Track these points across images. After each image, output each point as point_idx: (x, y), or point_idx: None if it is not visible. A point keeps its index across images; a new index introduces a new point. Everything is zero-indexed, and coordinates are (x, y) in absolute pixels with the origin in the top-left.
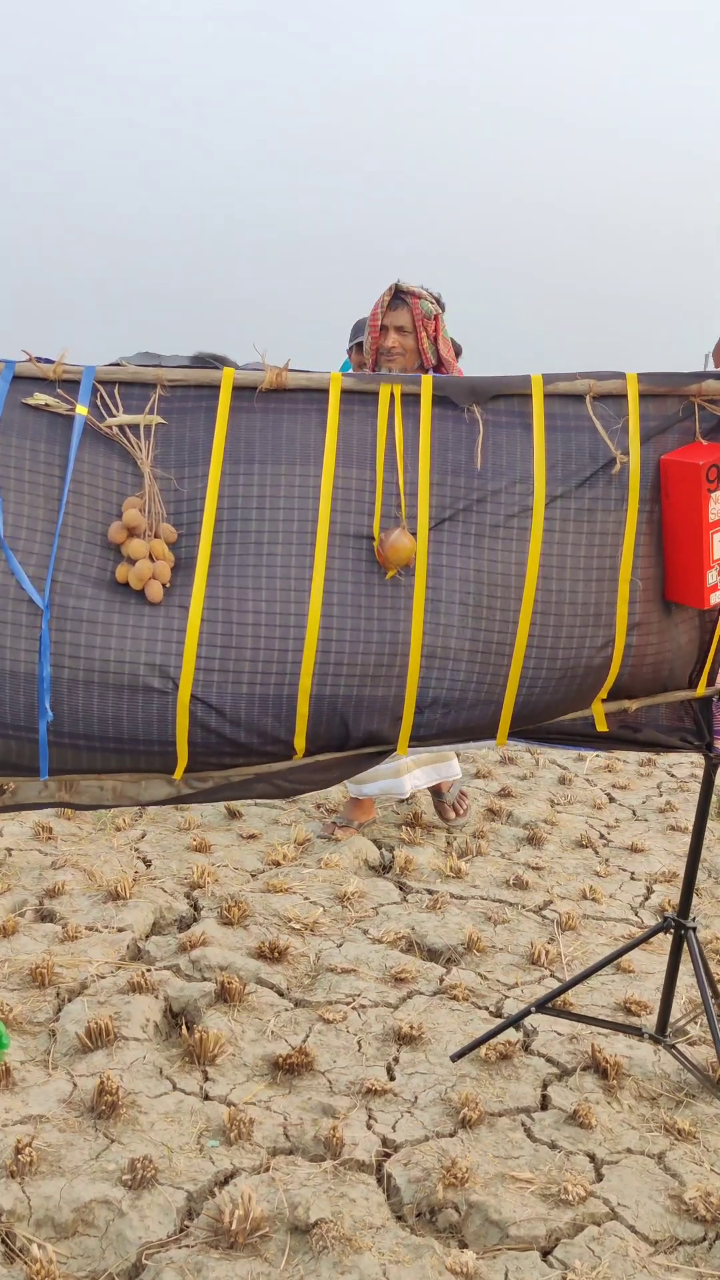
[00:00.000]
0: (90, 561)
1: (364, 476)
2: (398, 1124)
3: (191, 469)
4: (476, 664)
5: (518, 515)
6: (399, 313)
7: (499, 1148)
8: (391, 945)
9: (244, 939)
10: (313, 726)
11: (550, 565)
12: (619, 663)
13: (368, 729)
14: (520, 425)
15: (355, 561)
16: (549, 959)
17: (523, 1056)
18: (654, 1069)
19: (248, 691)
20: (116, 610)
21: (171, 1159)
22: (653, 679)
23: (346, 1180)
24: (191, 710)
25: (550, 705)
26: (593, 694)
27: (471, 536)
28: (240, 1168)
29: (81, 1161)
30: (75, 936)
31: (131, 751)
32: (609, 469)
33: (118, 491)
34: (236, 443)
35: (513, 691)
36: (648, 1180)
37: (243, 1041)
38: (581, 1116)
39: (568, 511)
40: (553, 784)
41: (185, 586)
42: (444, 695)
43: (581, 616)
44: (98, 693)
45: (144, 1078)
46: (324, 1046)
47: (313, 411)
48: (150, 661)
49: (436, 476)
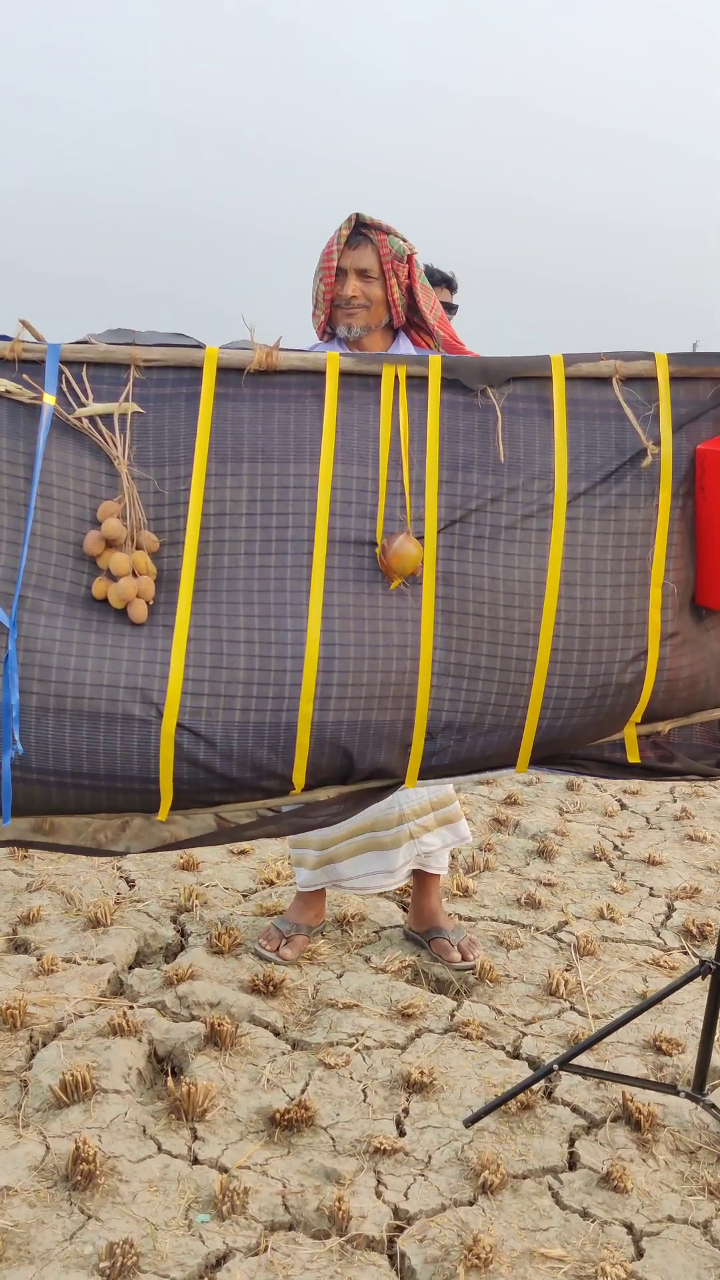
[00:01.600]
0: (62, 575)
1: (365, 475)
2: (410, 1190)
3: (173, 468)
4: (494, 683)
5: (536, 515)
6: (361, 251)
7: (525, 1217)
8: (396, 975)
9: (235, 970)
10: (314, 758)
11: (574, 570)
12: (653, 679)
13: (374, 759)
14: (539, 412)
15: (357, 570)
16: (568, 989)
17: (546, 1106)
18: (691, 1118)
19: (240, 719)
20: (93, 630)
21: (156, 1240)
22: (688, 697)
23: (355, 1262)
24: (177, 741)
25: (578, 729)
26: (624, 717)
27: (485, 540)
28: (234, 1248)
29: (54, 1244)
30: (51, 969)
31: (109, 789)
32: (638, 461)
33: (91, 494)
34: (223, 436)
35: (535, 714)
36: (695, 1256)
37: (235, 1092)
38: (615, 1178)
39: (592, 509)
40: (560, 790)
41: (169, 602)
42: (458, 719)
43: (610, 627)
44: (70, 722)
45: (125, 1138)
46: (325, 1096)
47: (307, 398)
48: (131, 686)
49: (446, 473)
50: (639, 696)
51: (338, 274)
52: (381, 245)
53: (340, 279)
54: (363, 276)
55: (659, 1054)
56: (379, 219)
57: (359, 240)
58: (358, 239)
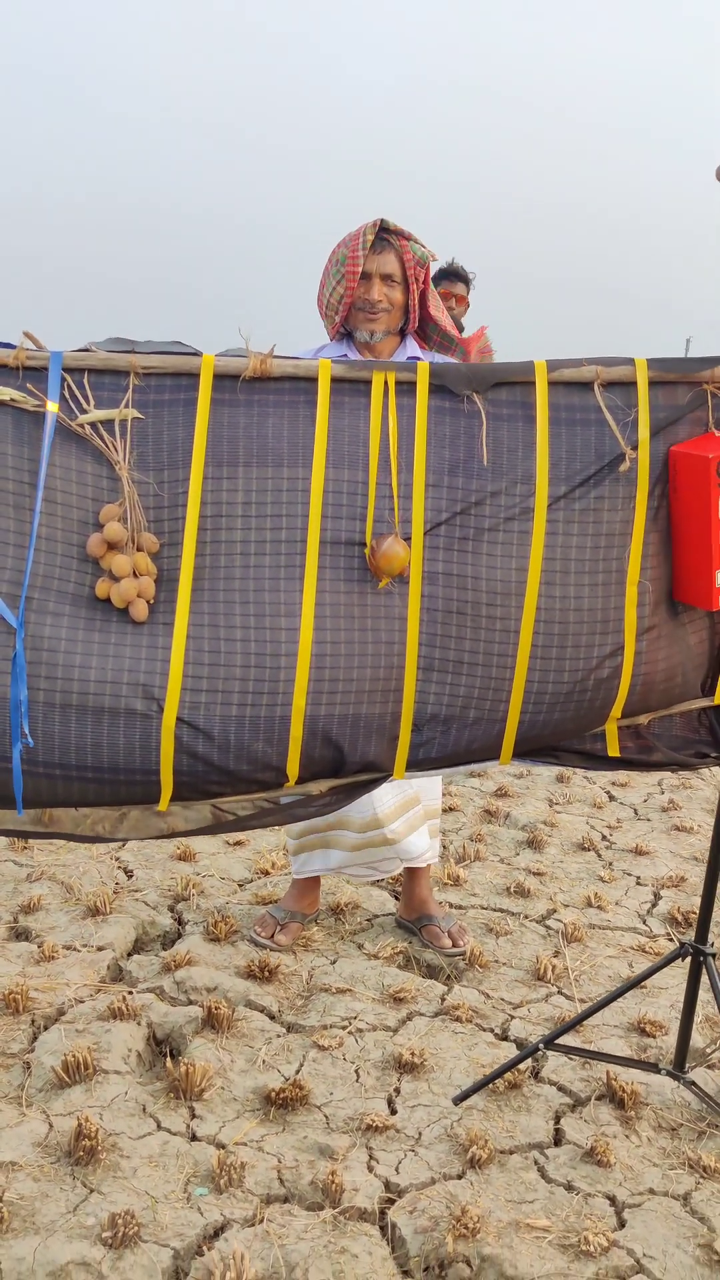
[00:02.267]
0: (66, 576)
1: (356, 479)
2: (401, 1165)
3: (172, 472)
4: (477, 677)
5: (518, 517)
6: (385, 256)
7: (511, 1190)
8: (388, 961)
9: (232, 957)
10: (306, 750)
11: (553, 570)
12: (630, 672)
13: (364, 752)
14: (522, 418)
15: (348, 571)
16: (555, 974)
17: (532, 1085)
18: (673, 1096)
19: (237, 714)
20: (96, 629)
21: (156, 1211)
22: (665, 689)
23: (347, 1232)
24: (177, 735)
25: (559, 723)
26: (604, 711)
27: (469, 541)
28: (231, 1219)
29: (58, 1216)
30: (52, 956)
31: (112, 781)
32: (616, 466)
33: (93, 498)
34: (219, 442)
35: (516, 708)
36: (674, 1226)
37: (232, 1073)
38: (599, 1153)
39: (571, 512)
40: (550, 782)
41: (169, 602)
42: (443, 711)
43: (588, 624)
44: (75, 717)
45: (126, 1116)
46: (319, 1076)
47: (300, 404)
48: (133, 683)
49: (433, 477)
50: (617, 690)
51: (362, 277)
52: (404, 251)
53: (365, 283)
54: (387, 281)
55: (643, 1036)
56: (401, 225)
57: (383, 245)
58: (381, 244)
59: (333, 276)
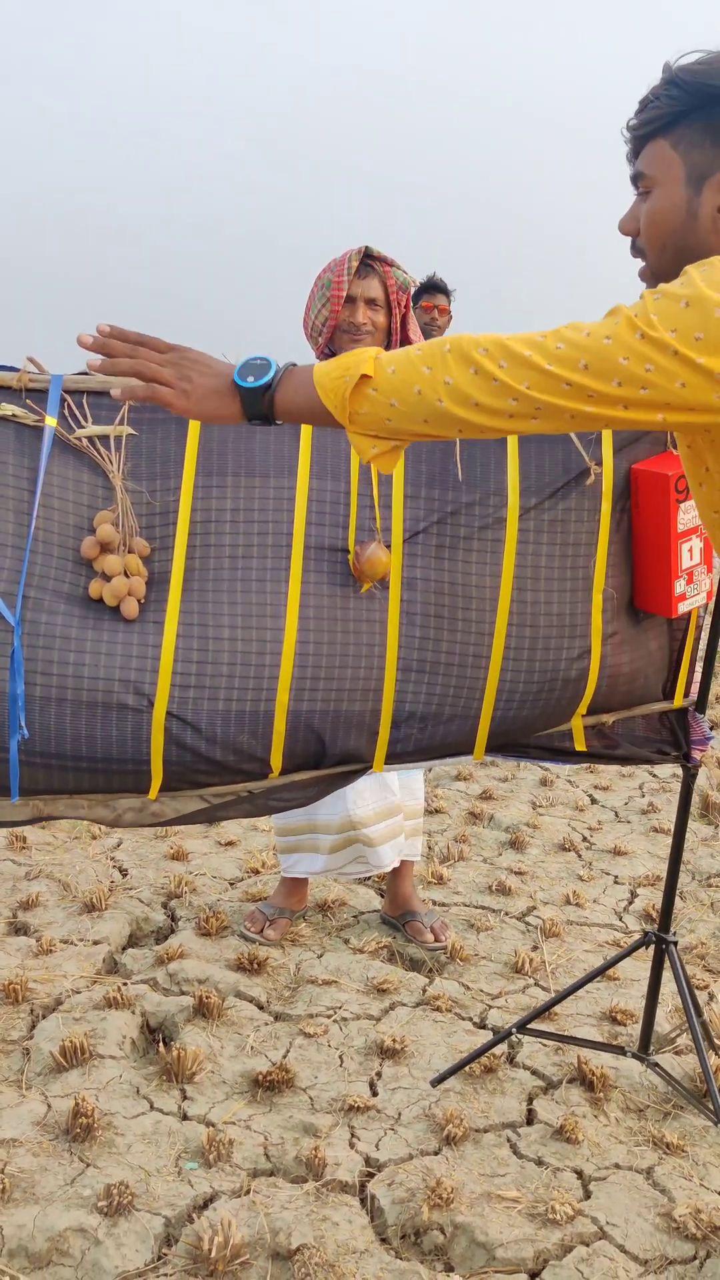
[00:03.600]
0: (62, 577)
1: (338, 489)
2: (381, 1142)
3: (164, 481)
4: (453, 677)
5: (491, 526)
6: (370, 281)
7: (485, 1165)
8: (373, 955)
9: (222, 950)
10: (289, 744)
11: (524, 576)
12: (596, 674)
13: (344, 745)
14: None
15: (330, 575)
16: (533, 967)
17: (507, 1070)
18: (641, 1080)
19: (224, 708)
20: (90, 626)
21: (149, 1183)
22: (628, 691)
23: (329, 1202)
24: (167, 727)
25: (529, 720)
26: (571, 709)
27: (445, 549)
28: (220, 1191)
29: (56, 1188)
30: (50, 950)
31: (105, 771)
32: (582, 480)
33: (88, 505)
34: (209, 454)
35: (489, 705)
36: (636, 1197)
37: (222, 1058)
38: (568, 1131)
39: (541, 522)
40: (534, 785)
41: (160, 602)
42: (420, 709)
43: (557, 627)
44: (70, 711)
45: (120, 1097)
46: (305, 1062)
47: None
48: (125, 678)
49: (410, 489)
50: (584, 690)
51: (347, 301)
52: (388, 277)
53: (349, 306)
54: (370, 305)
55: (614, 1024)
56: (384, 252)
57: (367, 271)
58: (365, 270)
59: (318, 300)
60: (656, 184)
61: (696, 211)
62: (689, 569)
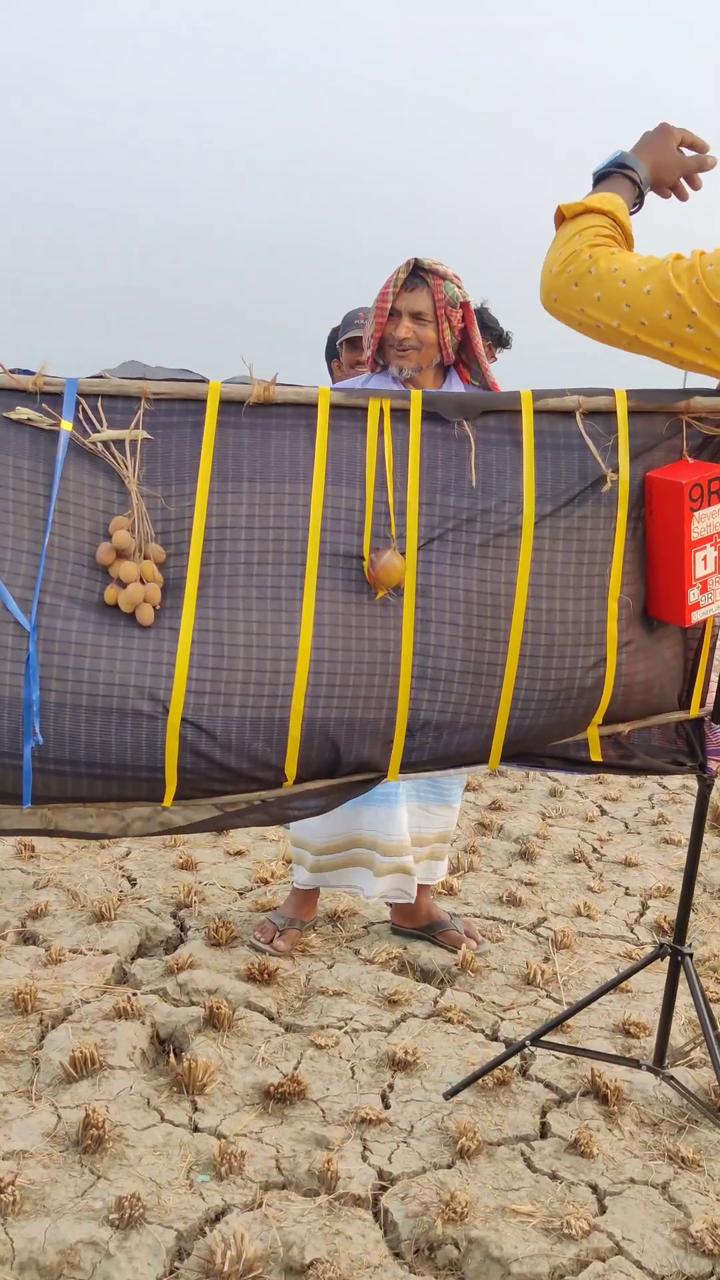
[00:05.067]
0: (77, 583)
1: (354, 495)
2: (394, 1155)
3: (179, 487)
4: (468, 685)
5: (507, 534)
6: (417, 294)
7: (499, 1179)
8: (384, 966)
9: (232, 960)
10: (304, 751)
11: (540, 584)
12: (612, 683)
13: (359, 753)
14: (510, 443)
15: (345, 582)
16: (544, 979)
17: (521, 1082)
18: (655, 1094)
19: (239, 715)
20: (105, 633)
21: (160, 1196)
22: (644, 700)
23: (342, 1216)
24: (182, 734)
25: (544, 729)
26: (586, 719)
27: (461, 556)
28: (231, 1204)
29: (67, 1200)
30: (59, 959)
31: (119, 778)
32: (598, 487)
33: (104, 510)
34: (224, 460)
35: (505, 714)
36: (652, 1212)
37: (232, 1069)
38: (582, 1145)
39: (557, 529)
40: (543, 796)
41: (175, 608)
42: (435, 718)
43: (573, 635)
44: (85, 717)
45: (131, 1109)
46: (316, 1074)
47: (301, 427)
48: (140, 685)
49: (426, 495)
50: (600, 699)
51: (391, 314)
52: (437, 290)
53: (394, 320)
54: (417, 320)
55: (627, 1036)
56: (438, 264)
57: (415, 283)
58: (415, 282)
59: (371, 312)
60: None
61: None
62: (703, 578)
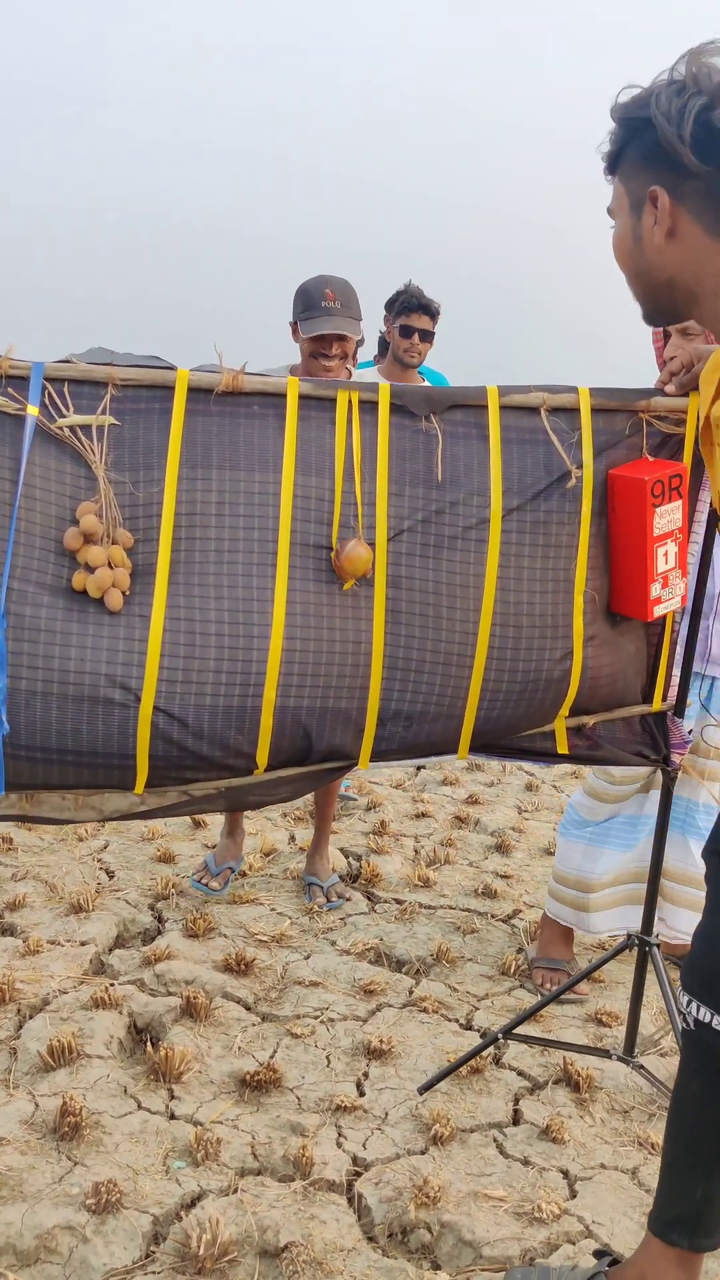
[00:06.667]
0: (45, 569)
1: (323, 485)
2: (368, 1141)
3: (147, 473)
4: (438, 676)
5: (475, 527)
6: None
7: (471, 1165)
8: (360, 957)
9: (209, 952)
10: (276, 739)
11: (508, 577)
12: (578, 675)
13: (330, 742)
14: (477, 437)
15: (316, 571)
16: (519, 969)
17: (494, 1070)
18: (626, 1081)
19: (210, 703)
20: (75, 619)
21: (137, 1182)
22: (609, 693)
23: (316, 1201)
24: (153, 722)
25: (512, 720)
26: (554, 710)
27: (430, 548)
28: (207, 1189)
29: (44, 1185)
30: (36, 950)
31: (90, 765)
32: (563, 482)
33: (71, 496)
34: (193, 446)
35: (474, 705)
36: (622, 1196)
37: (209, 1058)
38: (554, 1131)
39: (524, 524)
40: (520, 790)
41: (144, 595)
42: (405, 708)
43: (540, 628)
44: (56, 704)
45: (108, 1097)
46: (292, 1062)
47: (270, 416)
48: (111, 673)
49: (394, 487)
50: (566, 691)
51: None
52: None
53: None
54: None
55: (600, 1025)
56: None
57: None
58: None
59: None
60: (614, 217)
61: (640, 235)
62: (664, 573)
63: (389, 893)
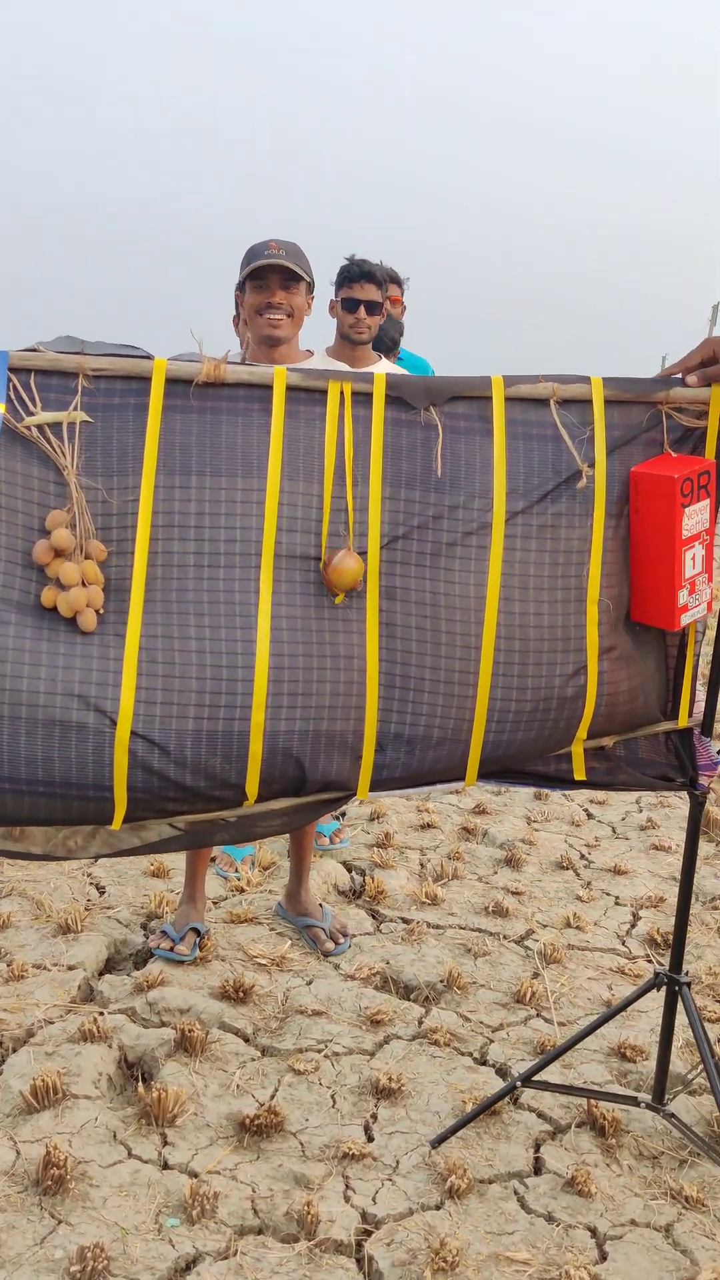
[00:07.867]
0: (11, 584)
1: (311, 491)
2: (378, 1194)
3: (121, 479)
4: (439, 695)
5: (476, 533)
6: None
7: (491, 1221)
8: (365, 982)
9: (205, 977)
10: (266, 768)
11: (512, 586)
12: (594, 693)
13: (325, 770)
14: (480, 431)
15: (304, 584)
16: (534, 997)
17: (512, 1113)
18: (654, 1124)
19: (194, 727)
20: (45, 638)
21: (126, 1244)
22: (629, 712)
23: (323, 1265)
24: (131, 749)
25: (525, 744)
26: (570, 732)
27: (427, 556)
28: (203, 1252)
29: (24, 1248)
30: (21, 975)
31: (63, 796)
32: (573, 482)
33: (39, 503)
34: (171, 449)
35: (480, 727)
36: (656, 1259)
37: (205, 1098)
38: (579, 1183)
39: (529, 528)
40: (528, 800)
41: (119, 612)
42: (407, 730)
43: (549, 641)
44: (25, 730)
45: (96, 1143)
46: (295, 1102)
47: (255, 412)
48: (84, 695)
49: (389, 490)
50: (582, 711)
51: None
52: None
53: None
54: None
55: (623, 1060)
56: None
57: None
58: None
59: None
60: None
61: None
62: (691, 578)
63: (395, 911)
